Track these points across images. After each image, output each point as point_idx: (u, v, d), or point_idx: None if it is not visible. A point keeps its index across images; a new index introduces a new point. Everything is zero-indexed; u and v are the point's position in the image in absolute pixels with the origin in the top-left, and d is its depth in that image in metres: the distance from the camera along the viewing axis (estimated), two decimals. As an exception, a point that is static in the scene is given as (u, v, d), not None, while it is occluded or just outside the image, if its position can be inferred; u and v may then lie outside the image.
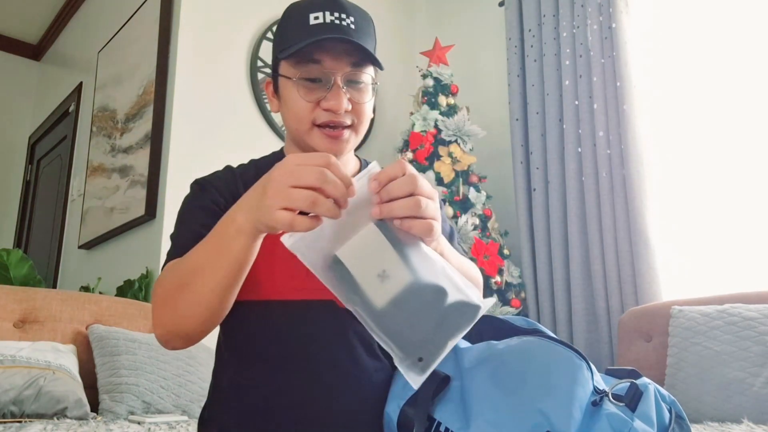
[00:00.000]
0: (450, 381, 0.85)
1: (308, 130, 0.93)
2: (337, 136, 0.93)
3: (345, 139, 0.94)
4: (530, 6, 2.85)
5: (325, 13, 0.91)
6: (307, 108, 0.92)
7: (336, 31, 0.90)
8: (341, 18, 0.91)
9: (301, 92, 0.92)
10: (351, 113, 0.93)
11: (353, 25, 0.92)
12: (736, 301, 1.91)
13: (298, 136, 0.96)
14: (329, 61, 0.91)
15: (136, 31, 3.04)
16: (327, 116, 0.92)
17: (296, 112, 0.93)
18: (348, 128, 0.94)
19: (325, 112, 0.92)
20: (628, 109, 2.41)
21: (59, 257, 3.52)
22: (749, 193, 2.24)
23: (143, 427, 1.56)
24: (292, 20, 0.94)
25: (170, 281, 0.84)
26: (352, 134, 0.95)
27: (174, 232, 0.96)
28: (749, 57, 2.31)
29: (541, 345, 0.83)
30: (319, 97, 0.92)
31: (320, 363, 0.90)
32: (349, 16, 0.92)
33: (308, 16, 0.91)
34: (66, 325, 2.02)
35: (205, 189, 0.97)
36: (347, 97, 0.92)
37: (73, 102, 3.77)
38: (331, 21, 0.90)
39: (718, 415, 1.69)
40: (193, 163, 2.62)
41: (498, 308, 2.44)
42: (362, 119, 0.96)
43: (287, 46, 0.92)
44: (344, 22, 0.91)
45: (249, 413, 0.91)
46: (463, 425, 0.78)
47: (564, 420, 0.73)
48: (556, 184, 2.61)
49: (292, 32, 0.93)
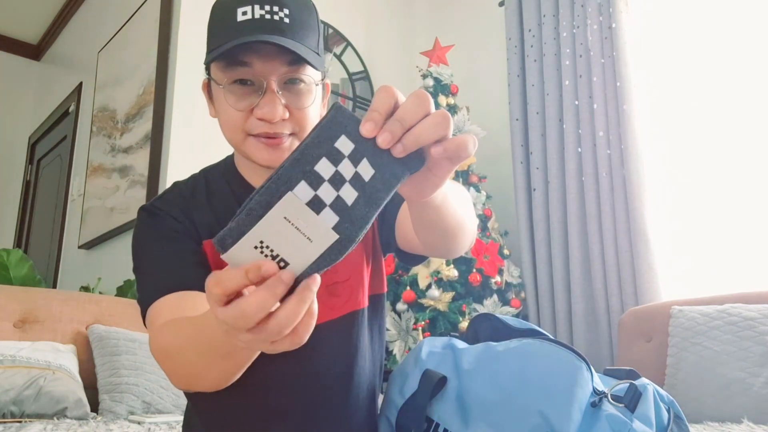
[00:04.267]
0: (447, 382, 0.85)
1: (242, 140, 0.83)
2: (277, 144, 0.82)
3: (286, 148, 0.83)
4: (530, 6, 2.85)
5: (254, 7, 0.79)
6: (238, 117, 0.81)
7: (267, 28, 0.78)
8: (273, 12, 0.79)
9: (230, 99, 0.81)
10: (290, 121, 0.82)
11: (287, 19, 0.80)
12: (736, 301, 1.91)
13: (234, 147, 0.87)
14: (259, 64, 0.79)
15: (136, 31, 3.04)
16: (262, 126, 0.81)
17: (227, 120, 0.83)
18: (289, 136, 0.83)
19: (259, 121, 0.81)
20: (628, 109, 2.41)
21: (59, 257, 3.52)
22: (749, 193, 2.24)
23: (143, 427, 1.56)
24: (218, 16, 0.83)
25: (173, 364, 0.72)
26: (294, 141, 0.83)
27: (139, 271, 0.86)
28: (749, 57, 2.31)
29: (542, 347, 0.83)
30: (251, 104, 0.81)
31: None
32: (282, 8, 0.80)
33: (236, 11, 0.79)
34: (66, 325, 2.02)
35: (157, 216, 0.88)
36: (283, 103, 0.80)
37: (73, 102, 3.77)
38: (261, 16, 0.79)
39: (718, 415, 1.69)
40: (193, 163, 2.61)
41: (498, 308, 2.44)
42: (305, 126, 0.83)
43: (213, 48, 0.82)
44: (276, 15, 0.79)
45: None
46: (462, 426, 0.78)
47: (563, 421, 0.74)
48: (556, 184, 2.61)
49: (219, 30, 0.82)
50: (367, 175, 0.50)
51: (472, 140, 0.52)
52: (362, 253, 0.94)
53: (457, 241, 0.78)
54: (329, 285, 0.90)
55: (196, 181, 0.94)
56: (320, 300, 0.88)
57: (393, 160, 0.51)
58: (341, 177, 0.50)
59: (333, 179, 0.49)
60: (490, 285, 2.48)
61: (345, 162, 0.50)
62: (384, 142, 0.49)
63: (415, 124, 0.50)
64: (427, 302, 2.41)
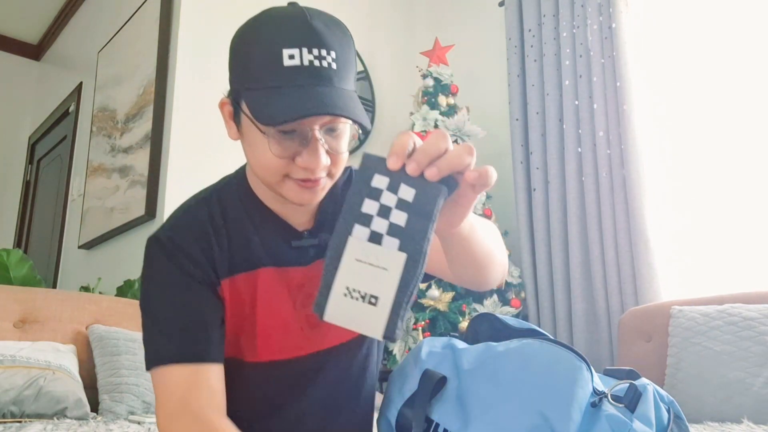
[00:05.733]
0: (446, 382, 0.85)
1: (279, 182, 0.81)
2: (313, 186, 0.81)
3: (321, 188, 0.82)
4: (530, 6, 2.85)
5: (302, 51, 0.74)
6: (280, 163, 0.79)
7: (316, 77, 0.75)
8: (321, 57, 0.75)
9: (274, 149, 0.78)
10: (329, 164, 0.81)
11: (335, 63, 0.76)
12: (736, 301, 1.91)
13: (267, 184, 0.84)
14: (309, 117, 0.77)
15: (136, 31, 3.04)
16: (304, 173, 0.79)
17: (266, 165, 0.80)
18: (326, 176, 0.83)
19: (302, 169, 0.79)
20: (628, 109, 2.41)
21: (59, 257, 3.52)
22: (749, 193, 2.24)
23: (143, 427, 1.56)
24: (261, 50, 0.77)
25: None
26: (328, 181, 0.83)
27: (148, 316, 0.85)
28: (749, 56, 2.31)
29: (542, 347, 0.83)
30: (295, 152, 0.78)
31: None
32: (329, 51, 0.76)
33: (281, 53, 0.74)
34: (66, 325, 2.02)
35: (173, 256, 0.84)
36: (325, 149, 0.79)
37: (73, 102, 3.77)
38: (309, 62, 0.74)
39: (718, 415, 1.69)
40: (193, 163, 2.62)
41: (498, 308, 2.44)
42: (339, 166, 0.83)
43: (255, 86, 0.77)
44: (324, 61, 0.75)
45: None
46: (461, 426, 0.78)
47: (563, 421, 0.74)
48: (556, 184, 2.61)
49: (261, 69, 0.76)
50: (410, 196, 0.57)
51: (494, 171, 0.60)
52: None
53: (488, 272, 0.83)
54: None
55: (210, 205, 0.89)
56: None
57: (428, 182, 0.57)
58: (386, 207, 0.57)
59: (380, 212, 0.57)
60: (490, 285, 2.48)
61: (385, 194, 0.57)
62: (412, 169, 0.57)
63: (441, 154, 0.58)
64: (427, 302, 2.41)
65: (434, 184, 0.58)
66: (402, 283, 0.55)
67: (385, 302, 0.55)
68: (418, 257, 0.56)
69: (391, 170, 0.57)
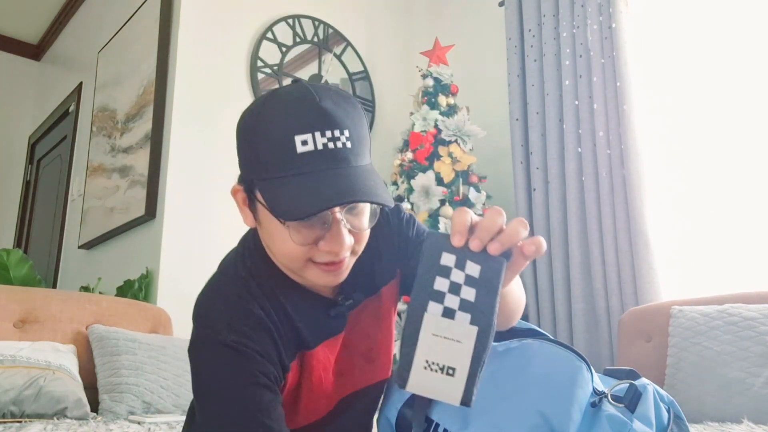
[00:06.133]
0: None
1: (302, 266, 0.79)
2: (338, 268, 0.79)
3: (346, 267, 0.80)
4: (530, 6, 2.85)
5: (314, 135, 0.72)
6: (302, 251, 0.76)
7: (331, 159, 0.72)
8: (335, 138, 0.72)
9: (294, 237, 0.75)
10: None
11: (349, 142, 0.73)
12: (736, 301, 1.91)
13: (290, 269, 0.82)
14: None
15: (136, 31, 3.04)
16: (328, 257, 0.77)
17: (287, 253, 0.78)
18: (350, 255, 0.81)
19: (326, 253, 0.77)
20: (628, 109, 2.41)
21: (59, 257, 3.52)
22: (749, 193, 2.24)
23: (143, 427, 1.56)
24: (272, 139, 0.73)
25: None
26: (352, 258, 0.81)
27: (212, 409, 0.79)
28: (749, 56, 2.31)
29: (542, 347, 0.83)
30: (317, 237, 0.76)
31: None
32: (342, 131, 0.73)
33: (293, 140, 0.72)
34: (66, 325, 2.02)
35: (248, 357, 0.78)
36: (348, 228, 0.76)
37: (73, 102, 3.77)
38: (323, 146, 0.72)
39: (718, 415, 1.69)
40: (193, 163, 2.62)
41: (498, 308, 2.44)
42: (362, 243, 0.81)
43: (269, 176, 0.74)
44: (339, 142, 0.73)
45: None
46: (461, 426, 0.78)
47: (563, 421, 0.74)
48: (556, 184, 2.61)
49: (274, 158, 0.73)
50: (476, 272, 0.63)
51: (544, 241, 0.65)
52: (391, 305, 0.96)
53: (515, 319, 0.88)
54: (364, 351, 0.92)
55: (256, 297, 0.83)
56: (357, 366, 0.93)
57: (489, 256, 0.63)
58: (457, 284, 0.62)
59: (451, 288, 0.62)
60: (490, 285, 2.48)
61: (454, 271, 0.63)
62: (476, 246, 0.63)
63: (499, 229, 0.63)
64: (427, 302, 2.41)
65: (496, 258, 0.63)
66: (475, 354, 0.61)
67: (462, 372, 0.61)
68: (488, 330, 0.62)
69: (456, 247, 0.63)
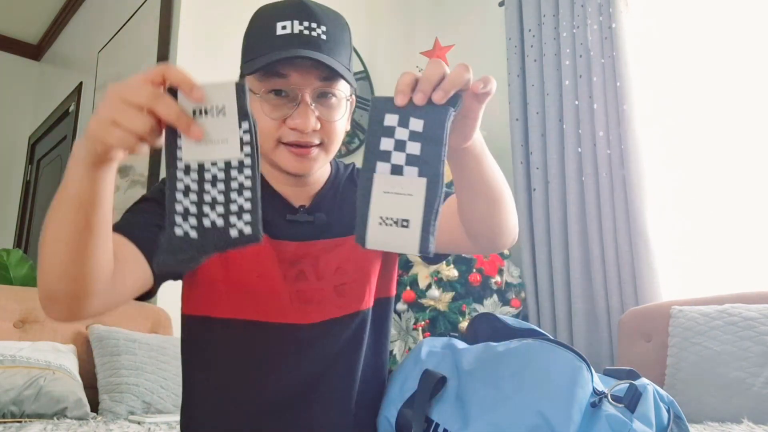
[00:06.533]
0: (446, 382, 0.85)
1: (273, 148, 0.87)
2: (305, 153, 0.87)
3: (313, 157, 0.88)
4: (530, 6, 2.85)
5: (293, 23, 0.84)
6: (272, 125, 0.86)
7: (305, 44, 0.84)
8: (311, 28, 0.84)
9: (265, 108, 0.85)
10: (320, 132, 0.87)
11: (324, 35, 0.85)
12: (736, 301, 1.91)
13: (263, 153, 0.88)
14: (296, 77, 0.84)
15: (136, 31, 3.04)
16: (294, 135, 0.86)
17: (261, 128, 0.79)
18: (317, 146, 0.88)
19: (292, 130, 0.86)
20: (628, 109, 2.41)
21: (59, 257, 3.51)
22: (749, 193, 2.24)
23: (143, 427, 1.56)
24: (257, 29, 0.88)
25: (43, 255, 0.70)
26: (321, 152, 0.89)
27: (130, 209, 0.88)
28: (749, 56, 2.31)
29: (542, 347, 0.83)
30: (285, 114, 0.85)
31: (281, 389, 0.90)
32: (320, 25, 0.85)
33: (275, 26, 0.84)
34: (66, 325, 2.02)
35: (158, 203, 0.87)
36: (316, 115, 0.85)
37: (73, 102, 3.77)
38: (299, 32, 0.84)
39: (718, 415, 1.69)
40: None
41: (498, 308, 2.44)
42: (333, 138, 0.89)
43: (251, 58, 0.86)
44: (314, 32, 0.85)
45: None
46: (461, 426, 0.78)
47: (563, 421, 0.74)
48: (556, 184, 2.61)
49: (257, 42, 0.86)
50: (420, 126, 0.64)
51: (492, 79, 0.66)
52: (372, 254, 0.95)
53: (500, 208, 0.82)
54: (337, 285, 0.92)
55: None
56: (328, 299, 0.92)
57: (435, 107, 0.64)
58: (401, 141, 0.64)
59: (396, 146, 0.64)
60: (490, 285, 2.48)
61: (398, 130, 0.64)
62: (419, 99, 0.63)
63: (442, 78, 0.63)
64: (427, 302, 2.41)
65: (440, 109, 0.64)
66: (427, 204, 0.63)
67: (416, 223, 0.63)
68: (436, 179, 0.63)
69: (399, 107, 0.64)
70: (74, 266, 0.66)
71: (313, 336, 0.90)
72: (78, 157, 0.63)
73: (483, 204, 0.81)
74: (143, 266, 0.79)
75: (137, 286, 0.80)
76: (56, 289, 0.68)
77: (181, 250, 0.62)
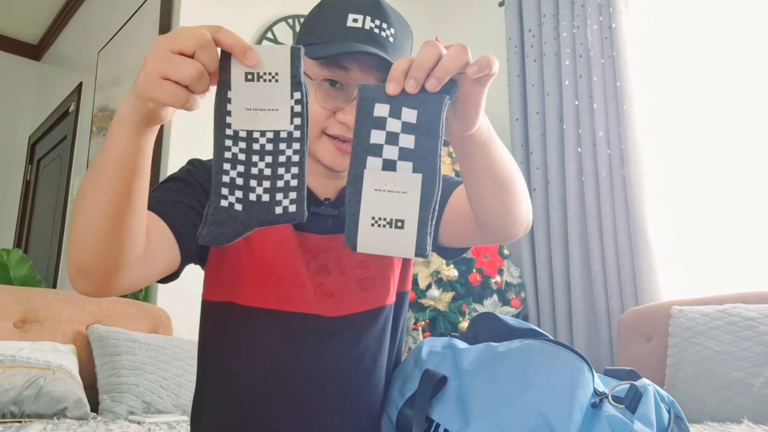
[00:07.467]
0: (447, 382, 0.85)
1: (317, 137, 0.85)
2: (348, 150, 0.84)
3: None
4: (530, 6, 2.85)
5: (365, 18, 0.82)
6: (321, 114, 0.84)
7: (373, 42, 0.82)
8: (381, 27, 0.83)
9: (319, 96, 0.83)
10: None
11: (392, 38, 0.84)
12: (736, 301, 1.91)
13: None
14: (358, 72, 0.83)
15: (136, 31, 3.04)
16: (340, 129, 0.84)
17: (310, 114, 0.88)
18: None
19: (340, 124, 0.84)
20: (628, 109, 2.41)
21: (59, 257, 3.52)
22: (749, 193, 2.24)
23: (143, 427, 1.56)
24: (328, 14, 0.85)
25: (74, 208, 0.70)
26: None
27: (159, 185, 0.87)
28: (749, 57, 2.31)
29: (543, 347, 0.83)
30: (337, 106, 0.84)
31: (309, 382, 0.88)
32: (390, 27, 0.84)
33: (347, 16, 0.83)
34: (66, 325, 2.02)
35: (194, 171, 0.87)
36: None
37: (73, 102, 3.77)
38: (370, 28, 0.82)
39: (718, 415, 1.69)
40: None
41: (498, 308, 2.44)
42: None
43: (317, 41, 0.83)
44: (384, 32, 0.83)
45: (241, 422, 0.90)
46: (462, 426, 0.78)
47: (564, 422, 0.74)
48: (556, 184, 2.61)
49: (325, 27, 0.84)
50: (413, 117, 0.58)
51: (495, 58, 0.60)
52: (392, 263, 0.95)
53: (511, 195, 0.78)
54: (361, 279, 0.92)
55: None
56: (351, 293, 0.92)
57: (429, 96, 0.58)
58: (393, 133, 0.58)
59: (388, 139, 0.58)
60: (490, 285, 2.48)
61: (389, 121, 0.58)
62: (412, 87, 0.57)
63: (436, 63, 0.57)
64: (427, 302, 2.41)
65: (435, 97, 0.58)
66: (423, 202, 0.58)
67: (411, 223, 0.58)
68: (433, 175, 0.58)
69: (390, 96, 0.58)
70: (111, 235, 0.64)
71: (337, 329, 0.89)
72: (125, 118, 0.60)
73: (492, 193, 0.77)
74: (172, 244, 0.78)
75: (166, 264, 0.78)
76: (90, 260, 0.66)
77: (227, 223, 0.59)
